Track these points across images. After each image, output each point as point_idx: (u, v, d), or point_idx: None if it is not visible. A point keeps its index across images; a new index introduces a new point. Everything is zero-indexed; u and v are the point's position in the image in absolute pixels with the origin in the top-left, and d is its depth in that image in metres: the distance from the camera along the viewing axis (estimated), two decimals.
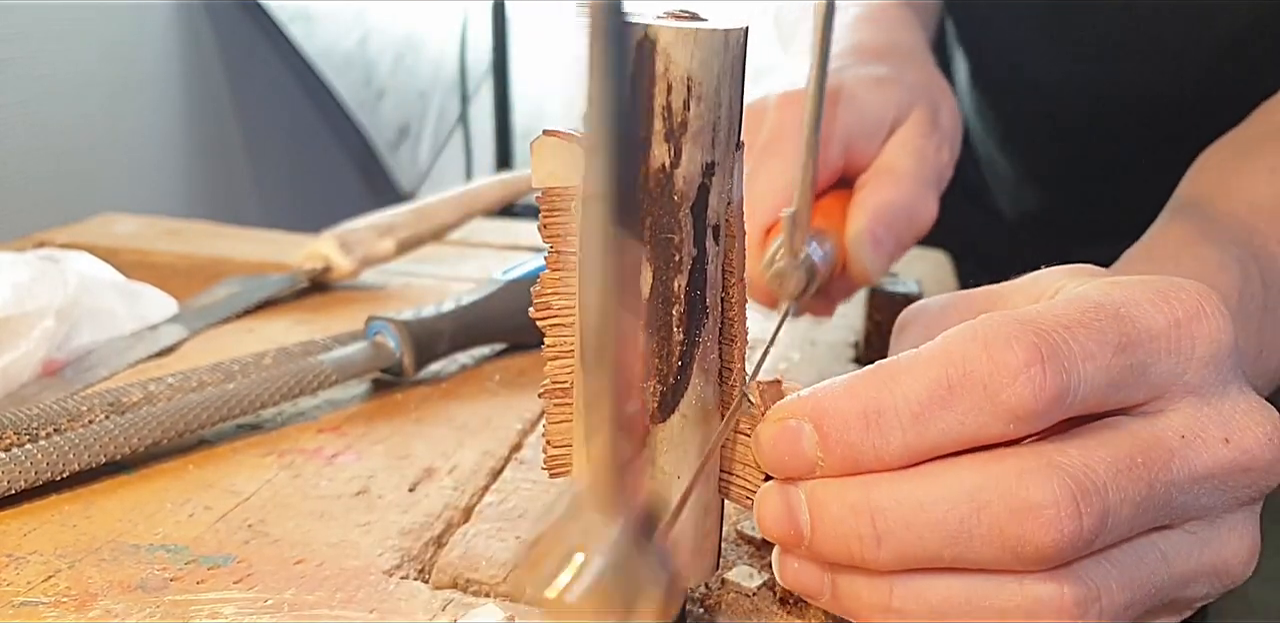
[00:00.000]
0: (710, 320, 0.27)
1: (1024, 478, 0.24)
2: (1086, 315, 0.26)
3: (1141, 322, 0.26)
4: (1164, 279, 0.28)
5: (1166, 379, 0.27)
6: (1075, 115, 0.63)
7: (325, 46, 1.31)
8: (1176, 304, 0.27)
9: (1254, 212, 0.40)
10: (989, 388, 0.25)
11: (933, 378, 0.25)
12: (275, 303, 0.56)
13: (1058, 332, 0.25)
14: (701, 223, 0.26)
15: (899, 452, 0.25)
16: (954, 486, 0.25)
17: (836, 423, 0.26)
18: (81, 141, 0.90)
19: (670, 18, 0.24)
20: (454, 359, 0.49)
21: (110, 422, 0.38)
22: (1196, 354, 0.27)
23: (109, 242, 0.65)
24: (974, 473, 0.25)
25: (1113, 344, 0.26)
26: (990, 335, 0.25)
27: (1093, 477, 0.24)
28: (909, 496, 0.25)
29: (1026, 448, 0.25)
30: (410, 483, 0.38)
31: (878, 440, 0.25)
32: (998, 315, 0.26)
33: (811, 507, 0.26)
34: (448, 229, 0.62)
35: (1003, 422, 0.25)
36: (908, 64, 0.46)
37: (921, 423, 0.25)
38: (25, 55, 0.82)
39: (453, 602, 0.31)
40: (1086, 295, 0.27)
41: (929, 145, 0.43)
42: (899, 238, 0.41)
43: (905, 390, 0.25)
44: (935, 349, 0.26)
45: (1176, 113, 0.58)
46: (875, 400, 0.25)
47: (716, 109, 0.25)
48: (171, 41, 1.04)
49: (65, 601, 0.30)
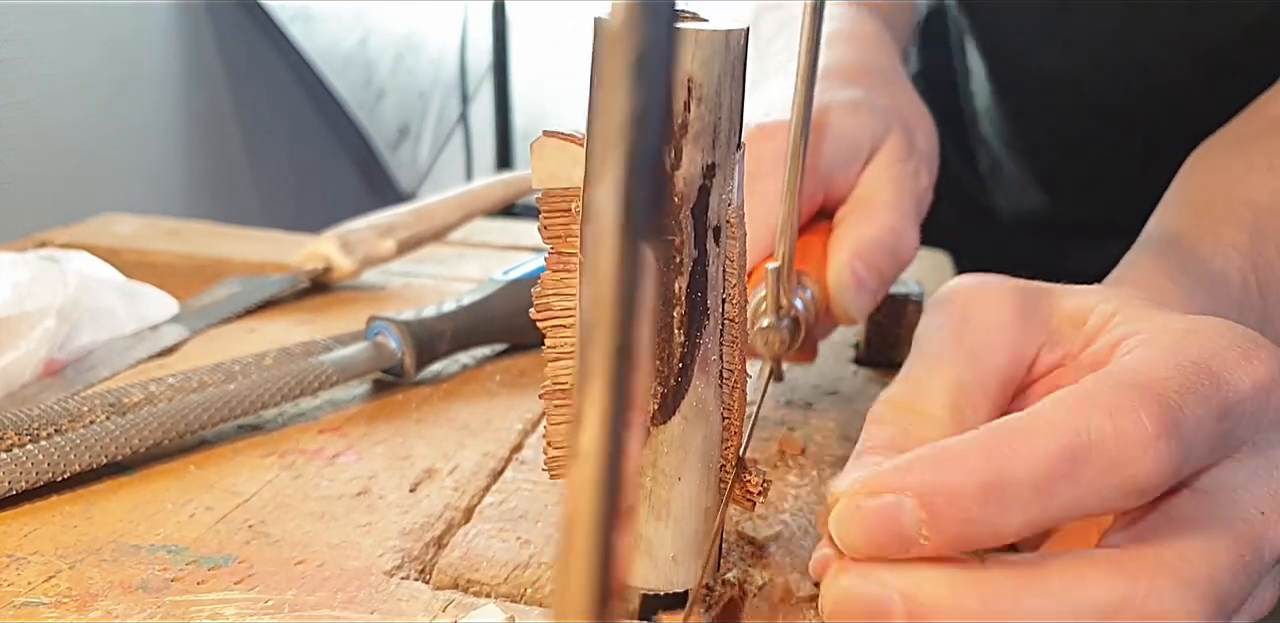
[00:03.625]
0: (711, 322, 0.27)
1: (1161, 599, 0.24)
2: (1191, 379, 0.25)
3: (1233, 385, 0.26)
4: (1240, 332, 0.28)
5: (1244, 439, 0.27)
6: (1083, 111, 0.63)
7: (325, 46, 1.31)
8: (1259, 365, 0.27)
9: (1255, 212, 0.40)
10: (1117, 461, 0.24)
11: (1057, 448, 0.24)
12: (276, 303, 0.56)
13: (1174, 399, 0.25)
14: (702, 225, 0.26)
15: (1018, 529, 0.24)
16: (1085, 603, 0.24)
17: (951, 500, 0.24)
18: (81, 141, 0.90)
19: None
20: (455, 360, 0.49)
21: (111, 422, 0.38)
22: (1268, 418, 0.27)
23: (109, 242, 0.65)
24: (1105, 590, 0.24)
25: (1216, 412, 0.25)
26: (1115, 404, 0.24)
27: (1220, 589, 0.24)
28: (1029, 612, 0.24)
29: (1149, 557, 0.24)
30: (411, 483, 0.38)
31: (997, 518, 0.24)
32: (1112, 380, 0.25)
33: (910, 610, 0.24)
34: (448, 229, 0.62)
35: (1126, 495, 0.24)
36: (882, 86, 0.45)
37: (1044, 497, 0.24)
38: (25, 55, 0.82)
39: (454, 602, 0.31)
40: (1179, 351, 0.26)
41: (906, 172, 0.42)
42: (882, 275, 0.39)
43: (1027, 462, 0.24)
44: (1054, 415, 0.25)
45: (1183, 109, 0.58)
46: (996, 473, 0.24)
47: (717, 110, 0.25)
48: (171, 41, 1.04)
49: (66, 601, 0.30)
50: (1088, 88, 0.62)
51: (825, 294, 0.39)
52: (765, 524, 0.36)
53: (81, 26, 0.89)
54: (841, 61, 0.46)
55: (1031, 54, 0.63)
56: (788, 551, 0.34)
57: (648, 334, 0.12)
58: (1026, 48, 0.63)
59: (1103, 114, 0.62)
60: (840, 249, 0.39)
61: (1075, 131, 0.65)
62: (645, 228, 0.12)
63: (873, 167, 0.42)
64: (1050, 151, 0.67)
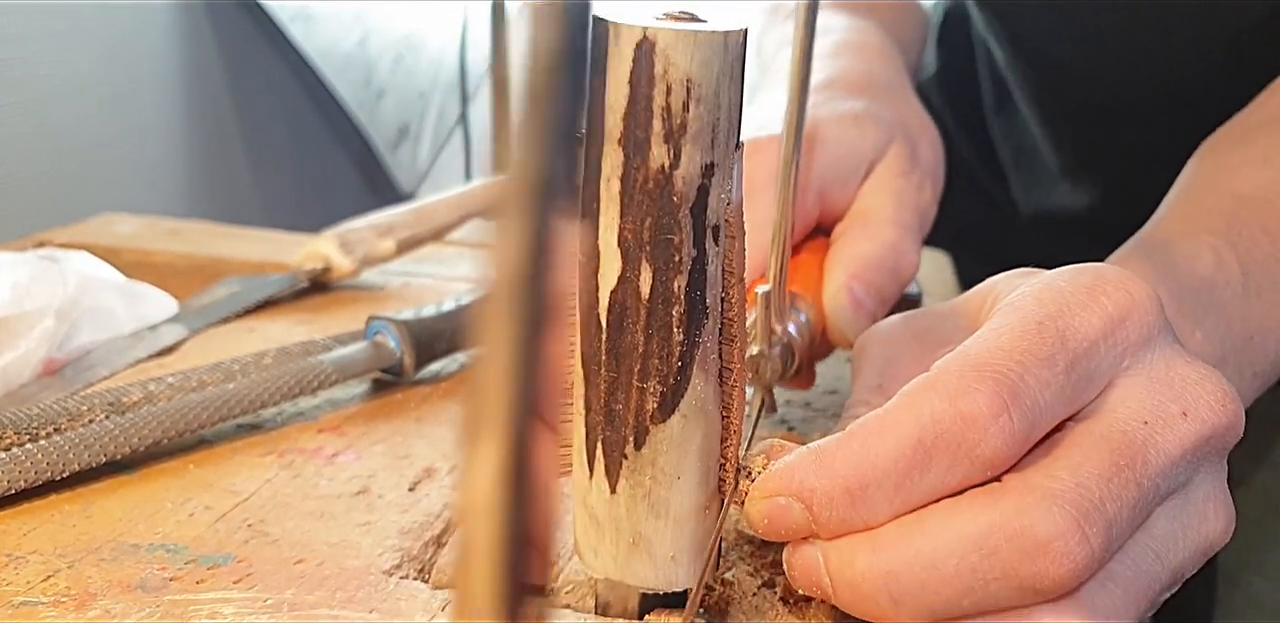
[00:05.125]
0: (710, 321, 0.27)
1: (1025, 515, 0.24)
2: (1033, 344, 0.26)
3: (1081, 330, 0.27)
4: (1089, 270, 0.28)
5: (1109, 373, 0.27)
6: (1108, 108, 0.62)
7: (325, 46, 1.31)
8: (1106, 300, 0.27)
9: (1238, 202, 0.39)
10: (964, 445, 0.25)
11: (906, 443, 0.25)
12: (275, 303, 0.56)
13: (1013, 370, 0.25)
14: (701, 224, 0.26)
15: (888, 517, 0.26)
16: (959, 536, 0.25)
17: (823, 501, 0.26)
18: (81, 141, 0.90)
19: (669, 19, 0.24)
20: (454, 359, 0.49)
21: (110, 421, 0.38)
22: (1131, 341, 0.27)
23: (109, 242, 0.65)
24: (975, 520, 0.25)
25: (1063, 365, 0.26)
26: (952, 389, 0.25)
27: (1088, 496, 0.25)
28: (917, 555, 0.25)
29: (1016, 482, 0.25)
30: (410, 483, 0.38)
31: (866, 513, 0.26)
32: (952, 363, 0.26)
33: (829, 571, 0.27)
34: (448, 229, 0.62)
35: (982, 471, 0.25)
36: (885, 98, 0.44)
37: (905, 489, 0.25)
38: (25, 55, 0.82)
39: (453, 602, 0.31)
40: (1025, 314, 0.27)
41: (908, 185, 0.41)
42: (881, 294, 0.38)
43: (882, 460, 0.25)
44: (901, 410, 0.26)
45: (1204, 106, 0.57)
46: (856, 476, 0.26)
47: (716, 110, 0.25)
48: (171, 41, 1.04)
49: (65, 600, 0.30)
50: (1108, 83, 0.61)
51: (821, 317, 0.38)
52: None
53: (81, 26, 0.89)
54: (846, 72, 0.45)
55: (1052, 45, 0.62)
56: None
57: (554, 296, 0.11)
58: (1046, 38, 0.62)
59: (1127, 110, 0.62)
60: (837, 268, 0.38)
61: (1102, 128, 0.64)
62: (558, 196, 0.11)
63: (873, 180, 0.41)
64: (1080, 146, 0.66)
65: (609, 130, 0.25)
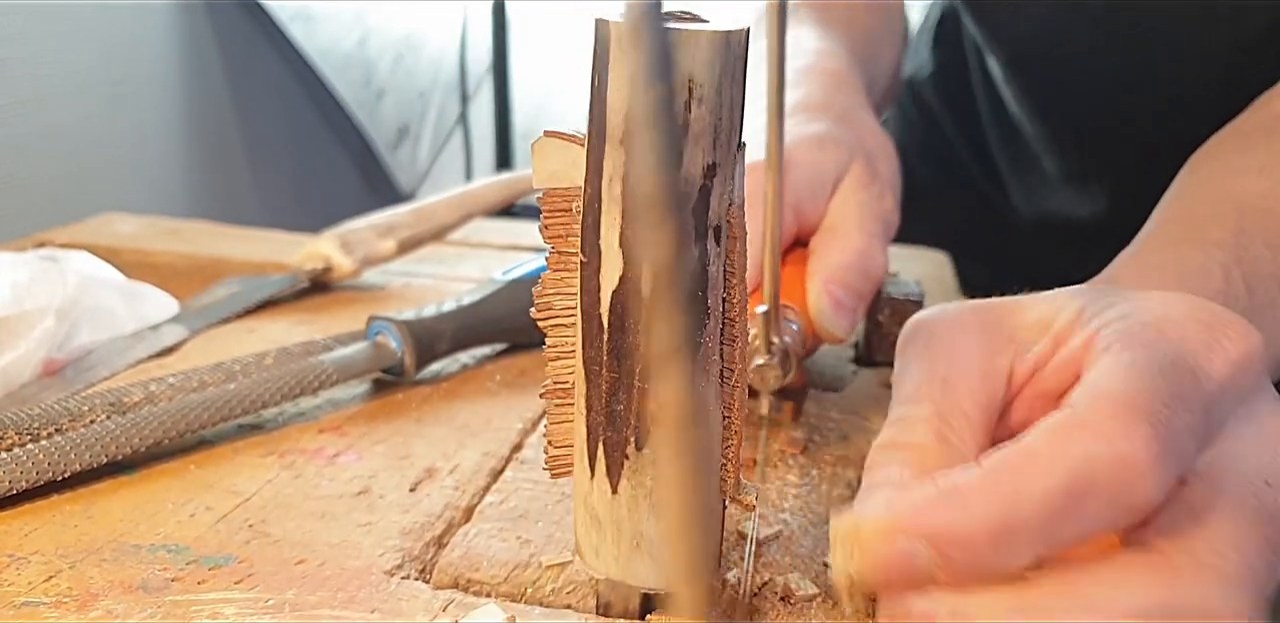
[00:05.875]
0: (712, 322, 0.27)
1: (1206, 600, 0.24)
2: (1173, 384, 0.25)
3: (1211, 376, 0.26)
4: (1198, 304, 0.28)
5: (1227, 419, 0.27)
6: (1108, 112, 0.62)
7: (325, 46, 1.31)
8: (1229, 344, 0.27)
9: (1240, 213, 0.40)
10: (1120, 489, 0.24)
11: (1057, 484, 0.24)
12: (276, 303, 0.56)
13: (1162, 412, 0.25)
14: (702, 224, 0.26)
15: (1028, 562, 0.24)
16: (1125, 610, 0.24)
17: (961, 546, 0.24)
18: (81, 141, 0.91)
19: (671, 19, 0.24)
20: (455, 359, 0.49)
21: (111, 422, 0.38)
22: (1247, 387, 0.27)
23: (109, 242, 0.65)
24: (1148, 596, 0.24)
25: (1200, 409, 0.26)
26: (1109, 430, 0.24)
27: (1256, 579, 0.24)
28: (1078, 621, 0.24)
29: (1183, 557, 0.24)
30: (411, 483, 0.38)
31: (1008, 557, 0.24)
32: (1099, 401, 0.25)
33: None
34: (448, 229, 0.62)
35: (1131, 517, 0.25)
36: (844, 120, 0.47)
37: (1051, 532, 0.24)
38: (25, 55, 0.82)
39: (454, 602, 0.31)
40: (1154, 350, 0.26)
41: (870, 197, 0.44)
42: (858, 293, 0.42)
43: (1030, 502, 0.24)
44: (1049, 448, 0.25)
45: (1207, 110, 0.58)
46: (1001, 518, 0.24)
47: (718, 111, 0.25)
48: (171, 41, 1.04)
49: (66, 601, 0.30)
50: (1110, 91, 0.61)
51: (809, 323, 0.41)
52: (765, 524, 0.36)
53: (81, 26, 0.89)
54: (807, 99, 0.48)
55: (1045, 48, 0.62)
56: (787, 550, 0.34)
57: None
58: (1037, 42, 0.62)
59: (1128, 119, 0.62)
60: (816, 277, 0.42)
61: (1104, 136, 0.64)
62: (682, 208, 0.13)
63: (839, 194, 0.44)
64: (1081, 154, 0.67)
65: (611, 131, 0.25)
